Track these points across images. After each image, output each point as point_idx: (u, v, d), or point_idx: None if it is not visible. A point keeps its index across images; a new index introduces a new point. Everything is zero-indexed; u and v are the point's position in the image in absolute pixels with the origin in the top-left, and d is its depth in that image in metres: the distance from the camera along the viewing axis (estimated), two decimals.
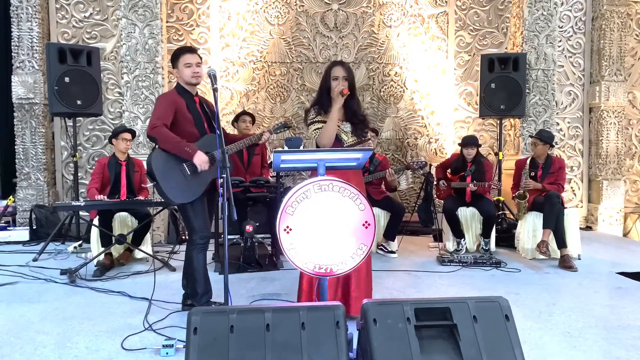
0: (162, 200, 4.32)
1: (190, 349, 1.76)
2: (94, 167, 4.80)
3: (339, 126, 3.02)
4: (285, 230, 2.27)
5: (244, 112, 5.42)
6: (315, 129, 3.03)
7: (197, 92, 3.23)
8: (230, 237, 4.70)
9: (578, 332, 2.89)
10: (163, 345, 2.53)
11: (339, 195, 2.31)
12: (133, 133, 4.79)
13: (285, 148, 2.53)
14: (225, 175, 2.60)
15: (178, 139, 2.96)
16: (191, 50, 3.19)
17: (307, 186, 2.29)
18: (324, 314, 1.87)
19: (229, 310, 1.87)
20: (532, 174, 4.81)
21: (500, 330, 1.87)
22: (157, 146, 3.06)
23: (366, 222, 2.33)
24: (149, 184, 3.01)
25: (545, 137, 4.82)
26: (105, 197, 4.39)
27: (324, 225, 2.30)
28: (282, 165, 2.59)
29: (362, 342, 1.92)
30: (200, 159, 2.95)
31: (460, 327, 1.85)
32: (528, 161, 4.85)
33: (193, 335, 1.78)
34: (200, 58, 3.21)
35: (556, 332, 2.89)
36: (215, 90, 2.76)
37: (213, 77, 2.76)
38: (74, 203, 4.40)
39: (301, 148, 2.59)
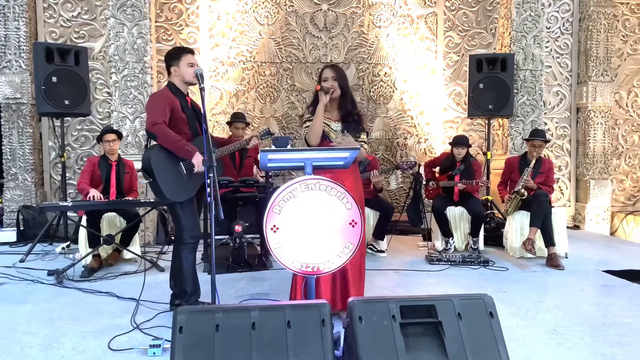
0: (151, 200, 4.32)
1: (176, 348, 1.76)
2: (84, 166, 4.76)
3: (329, 125, 3.05)
4: (272, 229, 2.27)
5: (239, 119, 5.18)
6: (306, 127, 3.09)
7: (187, 92, 3.24)
8: (219, 237, 4.73)
9: (564, 329, 2.92)
10: (150, 345, 2.53)
11: (325, 194, 2.32)
12: (118, 134, 4.71)
13: (273, 147, 2.53)
14: (212, 175, 2.60)
15: (178, 137, 2.97)
16: (192, 51, 3.22)
17: (294, 185, 2.30)
18: (309, 312, 1.87)
19: (214, 309, 1.87)
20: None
21: (484, 327, 1.88)
22: (151, 143, 3.06)
23: (353, 220, 2.34)
24: (144, 182, 2.99)
25: (545, 137, 4.92)
26: (99, 193, 4.35)
27: (310, 224, 2.31)
28: (269, 165, 2.59)
29: (348, 340, 1.93)
30: (199, 160, 2.94)
31: (445, 325, 1.86)
32: (533, 162, 4.75)
33: (179, 334, 1.78)
34: None
35: (542, 330, 2.92)
36: (202, 89, 2.76)
37: (200, 77, 2.77)
38: (61, 203, 4.35)
39: (289, 147, 2.59)
